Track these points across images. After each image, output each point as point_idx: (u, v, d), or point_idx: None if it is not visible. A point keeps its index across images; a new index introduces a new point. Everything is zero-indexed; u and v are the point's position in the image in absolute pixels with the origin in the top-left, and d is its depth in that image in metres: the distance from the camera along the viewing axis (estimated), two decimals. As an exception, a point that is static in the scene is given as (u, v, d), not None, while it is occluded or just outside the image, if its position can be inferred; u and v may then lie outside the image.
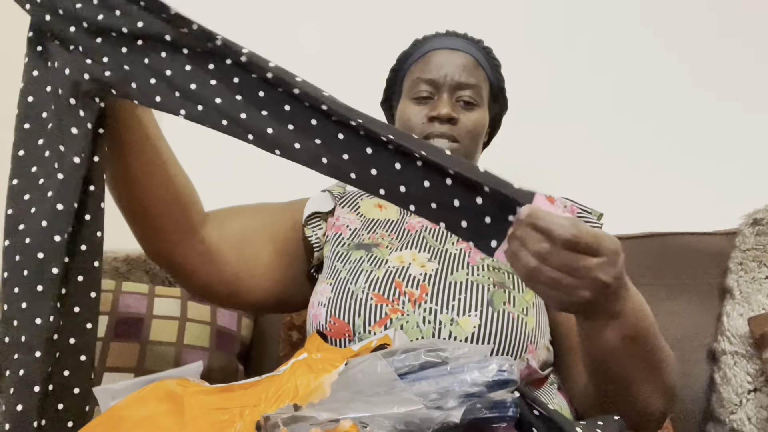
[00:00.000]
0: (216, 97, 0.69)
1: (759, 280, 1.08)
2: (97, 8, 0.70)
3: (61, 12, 0.71)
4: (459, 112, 0.98)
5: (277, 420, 0.56)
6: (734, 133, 1.33)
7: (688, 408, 1.08)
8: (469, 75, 0.99)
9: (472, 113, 0.99)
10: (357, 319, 0.83)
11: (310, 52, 1.72)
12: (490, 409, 0.56)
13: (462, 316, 0.81)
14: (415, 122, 0.98)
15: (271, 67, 0.68)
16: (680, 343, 1.10)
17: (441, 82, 0.98)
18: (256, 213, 0.98)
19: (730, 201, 1.21)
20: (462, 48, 1.01)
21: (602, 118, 1.43)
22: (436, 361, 0.61)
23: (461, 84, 0.98)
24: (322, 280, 0.92)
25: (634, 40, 1.42)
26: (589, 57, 1.45)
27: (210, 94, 0.69)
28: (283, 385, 0.68)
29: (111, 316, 1.16)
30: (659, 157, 1.38)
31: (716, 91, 1.36)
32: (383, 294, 0.84)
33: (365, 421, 0.54)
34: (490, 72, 1.03)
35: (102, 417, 0.68)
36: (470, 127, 0.98)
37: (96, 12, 0.70)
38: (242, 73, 0.70)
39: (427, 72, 0.99)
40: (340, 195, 1.04)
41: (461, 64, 0.99)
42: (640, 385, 0.73)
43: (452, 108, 0.97)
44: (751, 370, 1.03)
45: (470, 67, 0.99)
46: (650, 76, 1.41)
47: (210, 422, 0.65)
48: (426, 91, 0.99)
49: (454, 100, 0.98)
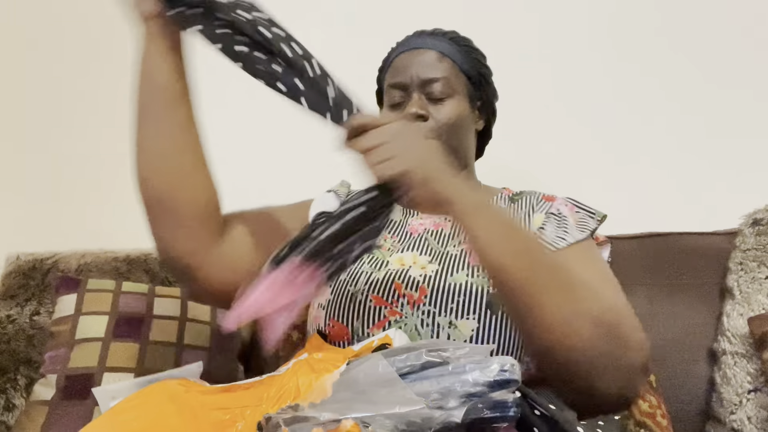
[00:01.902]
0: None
1: (759, 280, 1.08)
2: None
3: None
4: (429, 108, 0.98)
5: (278, 420, 0.56)
6: (734, 133, 1.34)
7: (688, 408, 1.08)
8: (432, 69, 0.99)
9: (442, 106, 0.98)
10: (356, 321, 0.83)
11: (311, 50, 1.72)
12: (491, 408, 0.56)
13: (460, 319, 0.80)
14: None
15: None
16: (680, 343, 1.10)
17: (408, 84, 0.99)
18: (265, 218, 0.97)
19: (730, 201, 1.21)
20: (423, 45, 1.01)
21: (603, 118, 1.43)
22: (437, 360, 0.61)
23: (426, 80, 0.98)
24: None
25: (635, 39, 1.42)
26: (590, 56, 1.45)
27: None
28: (284, 385, 0.68)
29: (111, 316, 1.16)
30: (659, 157, 1.38)
31: (717, 91, 1.36)
32: (382, 296, 0.83)
33: (367, 421, 0.54)
34: (461, 60, 1.02)
35: (102, 417, 0.67)
36: (443, 121, 0.97)
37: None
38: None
39: (395, 77, 1.01)
40: (345, 195, 1.04)
41: (423, 61, 0.99)
42: (536, 301, 0.69)
43: (420, 106, 0.97)
44: (751, 370, 1.03)
45: (433, 61, 0.99)
46: (651, 75, 1.41)
47: (211, 422, 0.65)
48: (398, 96, 1.00)
49: (425, 98, 0.98)
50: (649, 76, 1.41)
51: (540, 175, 1.45)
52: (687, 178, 1.35)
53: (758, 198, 1.15)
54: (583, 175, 1.42)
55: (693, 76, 1.38)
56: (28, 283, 1.26)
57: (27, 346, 1.21)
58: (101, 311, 1.17)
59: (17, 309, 1.24)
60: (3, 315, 1.22)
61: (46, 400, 1.09)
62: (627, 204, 1.33)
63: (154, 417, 0.65)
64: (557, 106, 1.46)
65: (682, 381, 1.08)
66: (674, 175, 1.36)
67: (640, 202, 1.35)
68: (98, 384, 1.09)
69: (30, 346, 1.21)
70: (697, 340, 1.11)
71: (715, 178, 1.33)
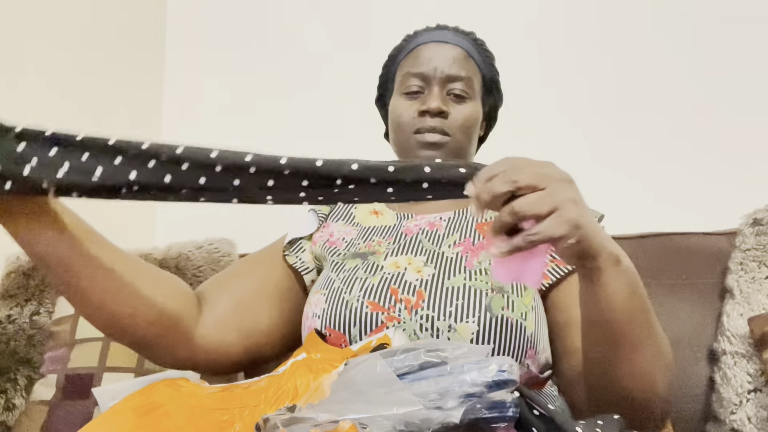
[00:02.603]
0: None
1: (759, 280, 1.08)
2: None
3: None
4: (449, 105, 0.96)
5: (276, 421, 0.56)
6: (735, 133, 1.33)
7: (688, 408, 1.08)
8: (459, 67, 0.97)
9: (463, 106, 0.97)
10: (353, 328, 0.82)
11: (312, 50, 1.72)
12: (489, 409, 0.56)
13: (460, 323, 0.79)
14: (405, 117, 0.97)
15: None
16: (680, 343, 1.09)
17: (431, 76, 0.97)
18: (243, 275, 0.95)
19: (730, 201, 1.21)
20: (451, 40, 0.99)
21: (602, 117, 1.43)
22: (435, 361, 0.61)
23: (451, 76, 0.97)
24: (316, 291, 0.90)
25: (636, 38, 1.42)
26: (590, 56, 1.45)
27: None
28: (282, 386, 0.68)
29: (111, 316, 1.16)
30: (659, 157, 1.38)
31: (717, 91, 1.36)
32: (378, 302, 0.82)
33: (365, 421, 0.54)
34: (482, 64, 1.01)
35: (101, 417, 0.67)
36: (461, 121, 0.96)
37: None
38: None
39: (416, 66, 0.98)
40: (329, 210, 1.03)
41: (451, 57, 0.97)
42: (634, 354, 0.69)
43: (442, 101, 0.95)
44: (751, 370, 1.03)
45: (460, 59, 0.98)
46: (651, 75, 1.41)
47: (210, 422, 0.65)
48: (416, 85, 0.98)
49: (444, 94, 0.97)
50: (649, 76, 1.41)
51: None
52: (687, 178, 1.35)
53: (758, 198, 1.15)
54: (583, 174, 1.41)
55: (693, 76, 1.38)
56: (28, 283, 1.26)
57: (27, 346, 1.21)
58: (101, 311, 1.17)
59: (17, 309, 1.24)
60: (3, 315, 1.23)
61: (46, 400, 1.09)
62: (627, 204, 1.33)
63: (153, 417, 0.65)
64: (557, 105, 1.46)
65: (682, 381, 1.08)
66: (674, 175, 1.36)
67: (641, 202, 1.35)
68: (98, 384, 1.10)
69: (30, 346, 1.21)
70: (697, 340, 1.11)
71: (715, 178, 1.33)
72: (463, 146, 0.98)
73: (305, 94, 1.71)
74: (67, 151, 0.64)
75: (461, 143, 0.97)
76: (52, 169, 0.63)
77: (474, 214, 0.78)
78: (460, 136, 0.97)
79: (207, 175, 0.64)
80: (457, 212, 0.98)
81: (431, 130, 0.95)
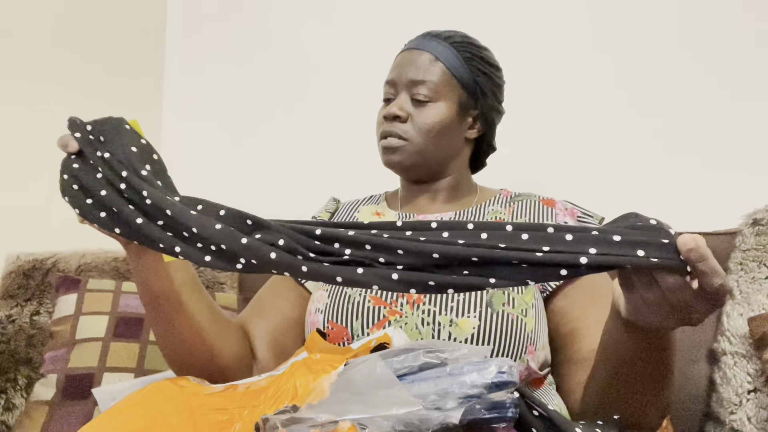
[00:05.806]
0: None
1: (759, 280, 1.08)
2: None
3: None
4: (412, 109, 0.99)
5: (276, 421, 0.56)
6: (735, 133, 1.33)
7: (688, 408, 1.08)
8: (421, 71, 0.99)
9: (424, 109, 0.98)
10: (355, 322, 0.83)
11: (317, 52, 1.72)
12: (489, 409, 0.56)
13: (461, 318, 0.80)
14: (377, 124, 1.02)
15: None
16: (680, 343, 1.09)
17: (397, 82, 1.01)
18: (275, 300, 0.98)
19: (730, 201, 1.21)
20: (420, 46, 1.01)
21: (602, 118, 1.43)
22: (435, 362, 0.61)
23: (413, 81, 0.99)
24: (318, 288, 0.92)
25: (637, 37, 1.42)
26: (590, 56, 1.45)
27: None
28: (282, 386, 0.68)
29: (111, 316, 1.16)
30: (659, 158, 1.37)
31: (717, 91, 1.36)
32: (380, 296, 0.83)
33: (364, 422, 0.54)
34: (458, 66, 0.99)
35: (101, 417, 0.67)
36: (421, 124, 0.97)
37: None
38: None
39: (389, 74, 1.03)
40: (332, 212, 1.06)
41: (414, 62, 1.00)
42: (651, 390, 0.70)
43: (399, 106, 0.98)
44: (751, 370, 1.02)
45: (424, 63, 0.99)
46: (652, 75, 1.41)
47: (209, 423, 0.65)
48: (389, 93, 1.02)
49: (410, 99, 0.99)
50: (649, 77, 1.41)
51: (540, 176, 1.45)
52: (687, 179, 1.35)
53: (758, 198, 1.15)
54: (584, 175, 1.41)
55: (693, 76, 1.37)
56: (28, 283, 1.26)
57: (27, 346, 1.21)
58: (101, 311, 1.17)
59: (17, 309, 1.24)
60: (3, 315, 1.23)
61: (46, 400, 1.09)
62: (627, 204, 1.32)
63: (152, 417, 0.65)
64: (557, 107, 1.46)
65: (682, 381, 1.08)
66: (674, 176, 1.36)
67: (641, 202, 1.35)
68: (98, 384, 1.10)
69: (30, 346, 1.21)
70: (697, 340, 1.11)
71: (715, 179, 1.33)
72: (424, 149, 0.98)
73: (305, 94, 1.71)
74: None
75: (421, 146, 0.98)
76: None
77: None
78: (421, 139, 0.98)
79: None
80: (457, 213, 0.99)
81: (388, 134, 0.99)
